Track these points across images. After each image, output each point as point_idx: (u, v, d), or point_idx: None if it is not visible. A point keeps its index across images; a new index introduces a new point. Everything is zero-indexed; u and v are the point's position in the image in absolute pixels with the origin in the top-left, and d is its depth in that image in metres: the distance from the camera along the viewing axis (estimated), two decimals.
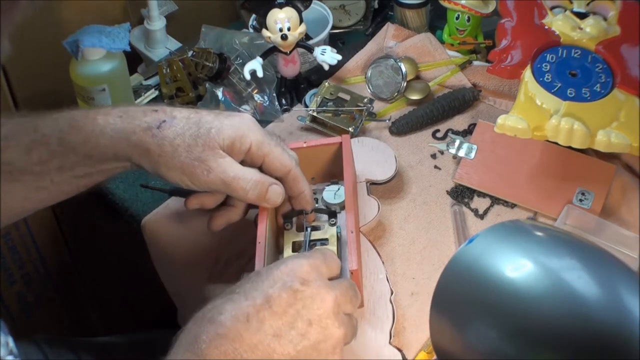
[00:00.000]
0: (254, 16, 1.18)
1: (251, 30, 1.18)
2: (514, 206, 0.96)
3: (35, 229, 1.28)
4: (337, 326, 0.69)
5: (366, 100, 1.05)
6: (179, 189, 0.86)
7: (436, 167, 1.01)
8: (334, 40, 1.21)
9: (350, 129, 1.02)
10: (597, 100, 0.92)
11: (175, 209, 0.96)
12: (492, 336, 0.64)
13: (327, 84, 1.08)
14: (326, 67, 1.07)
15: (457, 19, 1.14)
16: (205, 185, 0.79)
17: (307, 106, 1.08)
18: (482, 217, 0.96)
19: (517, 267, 0.65)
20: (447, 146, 1.00)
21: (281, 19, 1.02)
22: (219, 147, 0.78)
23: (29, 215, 0.85)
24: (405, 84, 1.09)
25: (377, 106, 1.09)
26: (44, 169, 0.78)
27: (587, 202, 0.94)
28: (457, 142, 1.00)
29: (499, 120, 0.89)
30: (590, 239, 0.74)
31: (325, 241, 0.83)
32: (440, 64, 1.12)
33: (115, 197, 1.04)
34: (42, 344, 0.99)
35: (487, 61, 1.10)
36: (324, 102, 1.06)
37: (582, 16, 0.99)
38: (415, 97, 1.09)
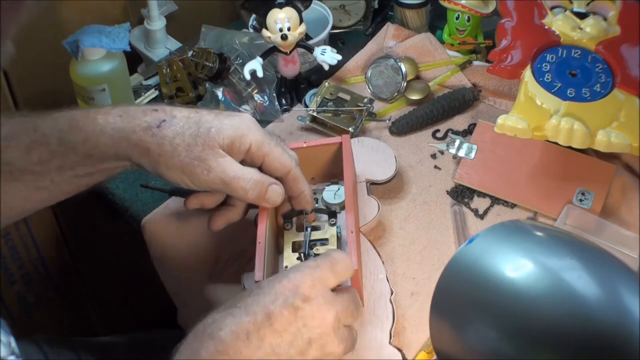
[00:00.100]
0: (254, 16, 1.18)
1: (251, 30, 1.18)
2: (514, 206, 0.96)
3: (35, 229, 1.28)
4: (337, 344, 0.70)
5: (366, 100, 1.05)
6: (179, 189, 0.86)
7: (436, 167, 1.01)
8: (334, 40, 1.21)
9: (350, 129, 1.02)
10: (597, 100, 0.92)
11: (175, 209, 0.96)
12: (492, 336, 0.64)
13: (327, 84, 1.08)
14: (326, 67, 1.07)
15: (457, 19, 1.14)
16: (205, 184, 0.79)
17: (307, 106, 1.08)
18: (482, 217, 0.96)
19: (517, 267, 0.65)
20: (447, 146, 1.00)
21: (281, 19, 1.02)
22: (219, 146, 0.78)
23: (29, 215, 0.85)
24: (405, 84, 1.09)
25: (377, 106, 1.09)
26: (44, 168, 0.78)
27: (587, 202, 0.94)
28: (457, 142, 1.00)
29: (499, 120, 0.89)
30: (590, 239, 0.74)
31: (325, 241, 0.83)
32: (440, 64, 1.12)
33: (115, 197, 1.04)
34: (42, 343, 0.99)
35: (487, 61, 1.10)
36: (324, 102, 1.06)
37: (582, 16, 0.99)
38: (415, 97, 1.09)
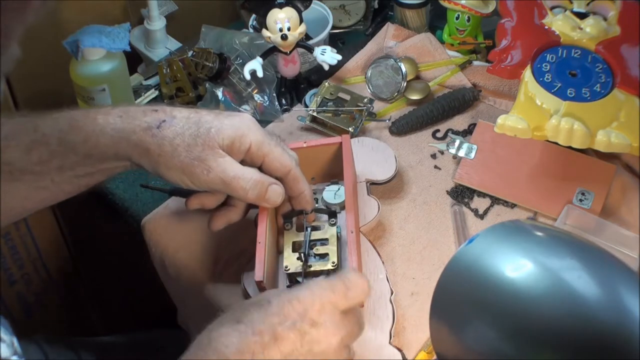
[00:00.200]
0: (254, 16, 1.18)
1: (251, 30, 1.18)
2: (514, 206, 0.96)
3: (35, 229, 1.28)
4: None
5: (366, 100, 1.05)
6: (179, 189, 0.86)
7: (436, 167, 1.01)
8: (334, 40, 1.21)
9: (350, 129, 1.02)
10: (597, 100, 0.92)
11: (175, 209, 0.96)
12: (492, 336, 0.64)
13: (327, 84, 1.08)
14: (326, 67, 1.07)
15: (457, 19, 1.14)
16: (205, 184, 0.79)
17: (307, 106, 1.08)
18: (482, 217, 0.95)
19: (517, 267, 0.65)
20: (447, 146, 1.00)
21: (281, 19, 1.02)
22: (219, 146, 0.78)
23: (29, 215, 0.85)
24: (405, 84, 1.09)
25: (377, 106, 1.09)
26: (44, 168, 0.78)
27: (587, 202, 0.94)
28: (457, 142, 1.00)
29: (499, 120, 0.89)
30: (590, 239, 0.74)
31: (325, 241, 0.83)
32: (440, 64, 1.12)
33: (115, 197, 1.04)
34: (42, 343, 1.00)
35: (487, 61, 1.10)
36: (324, 102, 1.06)
37: (582, 16, 0.99)
38: (415, 97, 1.09)
